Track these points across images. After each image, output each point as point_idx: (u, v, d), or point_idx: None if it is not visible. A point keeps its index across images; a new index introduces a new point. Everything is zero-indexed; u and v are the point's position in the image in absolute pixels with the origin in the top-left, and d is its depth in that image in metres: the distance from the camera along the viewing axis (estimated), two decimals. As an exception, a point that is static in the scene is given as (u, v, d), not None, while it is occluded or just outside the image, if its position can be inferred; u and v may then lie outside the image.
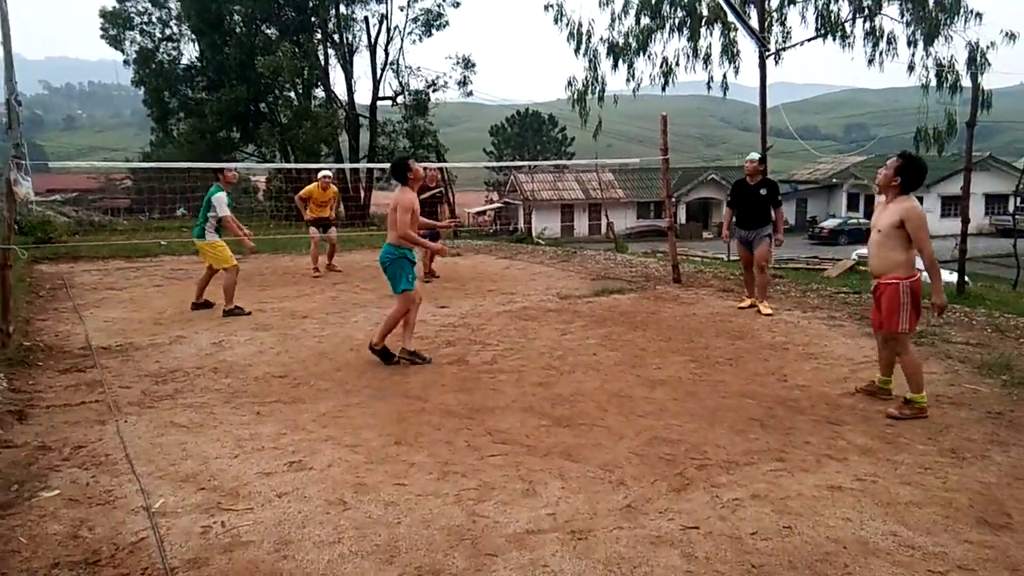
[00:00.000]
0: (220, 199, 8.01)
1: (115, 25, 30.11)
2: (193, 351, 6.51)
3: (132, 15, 30.25)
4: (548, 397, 5.19)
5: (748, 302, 8.28)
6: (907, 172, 4.64)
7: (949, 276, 18.30)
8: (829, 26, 19.13)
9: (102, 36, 30.25)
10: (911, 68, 18.60)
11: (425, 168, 10.13)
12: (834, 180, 50.14)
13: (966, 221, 9.12)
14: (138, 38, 30.54)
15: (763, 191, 8.04)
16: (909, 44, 18.61)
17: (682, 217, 48.00)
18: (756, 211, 8.03)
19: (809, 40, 19.52)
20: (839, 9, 19.01)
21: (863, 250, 26.12)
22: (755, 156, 8.19)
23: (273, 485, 3.76)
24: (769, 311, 7.91)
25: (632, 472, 3.91)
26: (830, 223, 43.56)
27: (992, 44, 17.54)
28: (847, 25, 19.20)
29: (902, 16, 18.52)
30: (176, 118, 32.02)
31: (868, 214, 44.62)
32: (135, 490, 3.69)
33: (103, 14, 29.99)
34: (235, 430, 4.55)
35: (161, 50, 31.22)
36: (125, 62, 30.68)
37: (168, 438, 4.43)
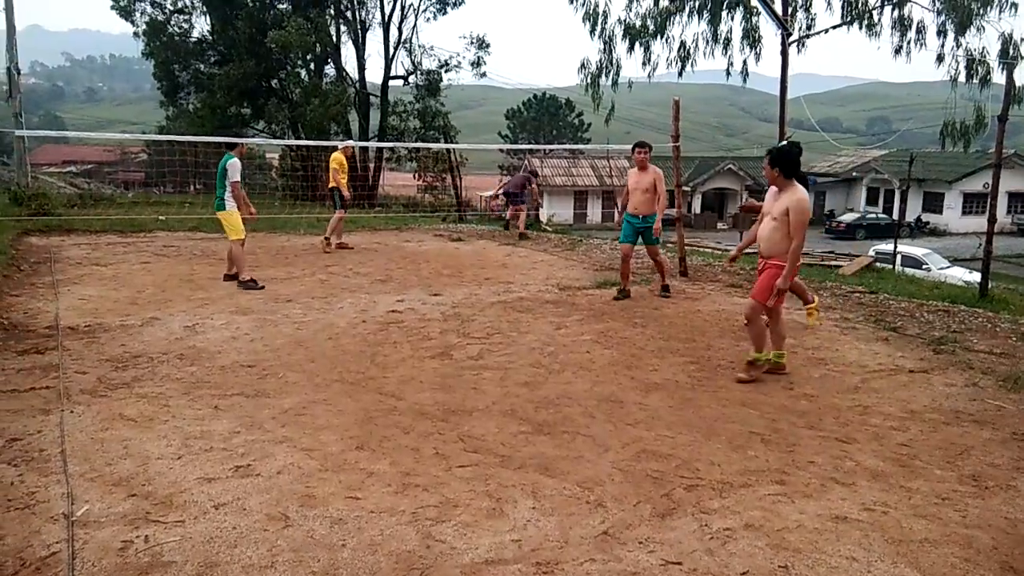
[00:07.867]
0: (235, 165, 8.24)
1: (125, -5, 29.59)
2: (163, 335, 6.15)
3: (142, -15, 29.68)
4: (532, 399, 4.79)
5: None
6: (780, 162, 5.08)
7: (968, 276, 17.78)
8: (855, 13, 18.43)
9: (112, 7, 29.72)
10: (940, 59, 17.82)
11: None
12: (854, 174, 49.09)
13: (993, 220, 8.51)
14: (148, 9, 30.01)
15: None
16: (939, 34, 17.86)
17: (697, 207, 47.25)
18: None
19: (834, 27, 18.81)
20: (866, -5, 18.30)
21: (883, 246, 25.55)
22: None
23: (213, 493, 3.39)
24: None
25: (613, 491, 3.51)
26: (848, 217, 42.67)
27: (1025, 36, 16.74)
28: (875, 13, 18.49)
29: (933, 4, 17.77)
30: (186, 92, 31.56)
31: (887, 210, 43.61)
32: (61, 493, 3.34)
33: (112, -16, 29.48)
34: (186, 426, 4.18)
35: (172, 22, 30.69)
36: (135, 34, 30.18)
37: (112, 433, 4.07)
